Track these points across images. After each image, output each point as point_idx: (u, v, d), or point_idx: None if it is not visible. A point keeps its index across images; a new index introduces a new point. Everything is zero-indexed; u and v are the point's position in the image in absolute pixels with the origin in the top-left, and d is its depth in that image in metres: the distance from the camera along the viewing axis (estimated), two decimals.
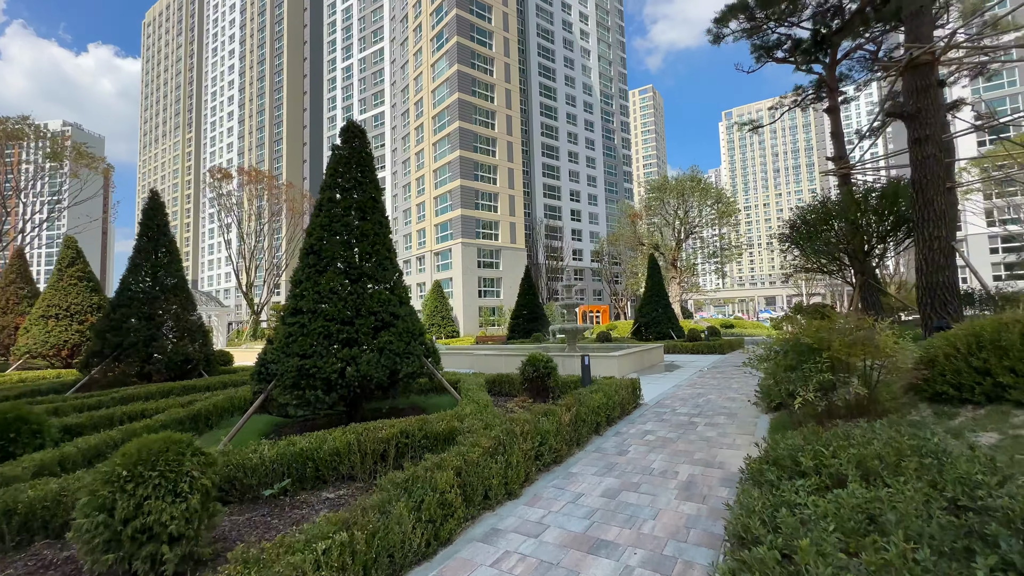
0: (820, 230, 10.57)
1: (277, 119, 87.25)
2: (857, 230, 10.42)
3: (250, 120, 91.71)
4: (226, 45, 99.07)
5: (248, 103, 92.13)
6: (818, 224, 10.55)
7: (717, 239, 42.40)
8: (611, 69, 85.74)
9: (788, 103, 16.75)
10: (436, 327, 30.14)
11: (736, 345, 19.80)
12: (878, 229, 9.48)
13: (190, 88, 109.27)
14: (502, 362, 14.10)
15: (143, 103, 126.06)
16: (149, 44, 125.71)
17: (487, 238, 53.38)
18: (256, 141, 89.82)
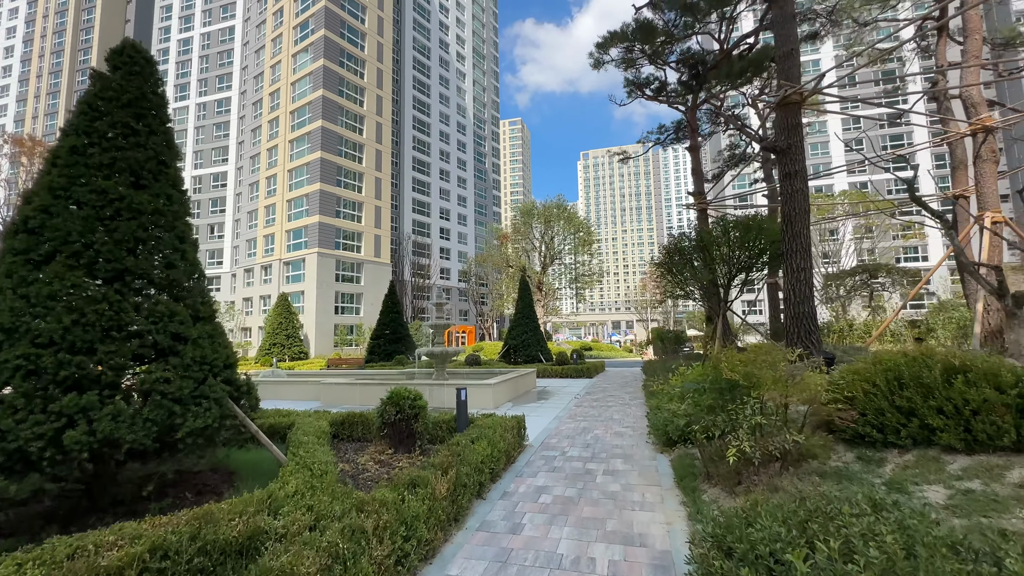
0: (689, 260, 10.82)
1: (80, 85, 70.35)
2: (713, 262, 10.84)
3: (38, 81, 72.36)
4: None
5: (36, 59, 72.77)
6: (688, 254, 10.81)
7: (578, 266, 44.81)
8: (485, 95, 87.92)
9: (653, 139, 18.04)
10: (279, 347, 25.71)
11: (599, 368, 20.14)
12: (738, 260, 9.91)
13: None
14: (357, 393, 11.75)
15: None
16: None
17: (348, 249, 48.95)
18: (46, 108, 71.03)
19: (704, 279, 10.72)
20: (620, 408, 10.25)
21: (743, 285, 10.83)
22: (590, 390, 14.07)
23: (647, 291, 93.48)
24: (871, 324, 14.67)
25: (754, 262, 9.92)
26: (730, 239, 9.71)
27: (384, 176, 53.73)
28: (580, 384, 15.86)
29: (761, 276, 10.62)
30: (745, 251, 9.91)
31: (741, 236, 9.51)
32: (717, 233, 10.28)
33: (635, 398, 11.70)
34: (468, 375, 15.34)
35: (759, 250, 9.57)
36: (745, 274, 10.24)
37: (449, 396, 10.80)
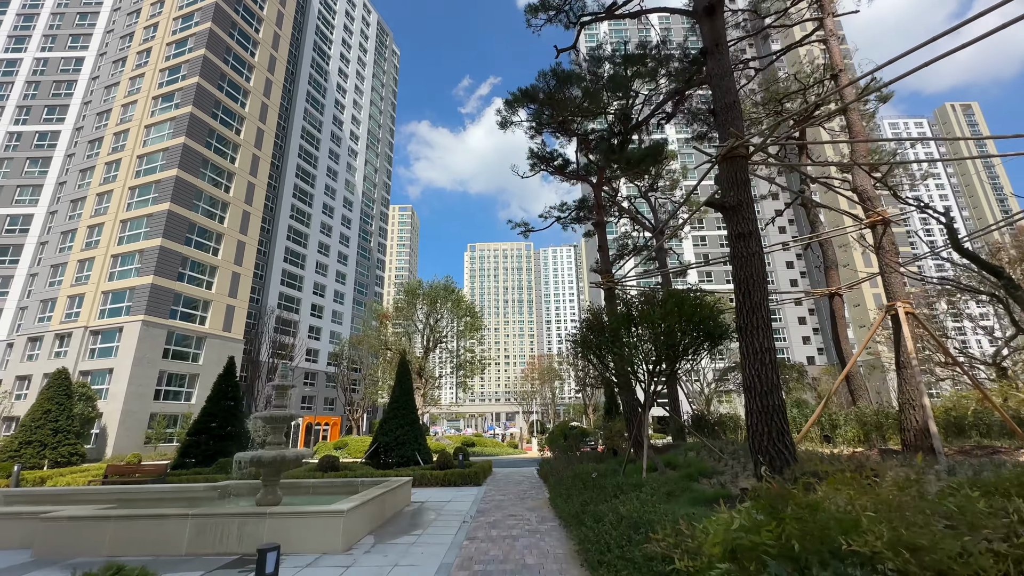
0: (614, 339, 9.00)
1: None
2: (634, 348, 9.19)
3: None
4: None
5: None
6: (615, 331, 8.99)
7: (463, 352, 42.10)
8: (376, 176, 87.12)
9: (555, 217, 17.29)
10: (37, 445, 18.02)
11: (487, 470, 16.92)
12: (674, 342, 8.34)
13: None
14: (109, 533, 7.12)
15: None
16: None
17: (188, 320, 40.47)
18: None
19: (632, 363, 8.84)
20: (532, 544, 7.32)
21: (670, 374, 9.20)
22: (483, 507, 10.87)
23: (529, 382, 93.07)
24: None
25: (696, 343, 8.38)
26: (662, 312, 8.08)
27: (250, 241, 47.41)
28: (468, 496, 12.51)
29: (694, 362, 9.06)
30: (684, 329, 8.32)
31: (676, 310, 7.98)
32: (616, 319, 8.69)
33: (545, 521, 8.90)
34: (312, 489, 11.13)
35: (699, 329, 8.08)
36: (679, 360, 8.65)
37: (281, 533, 6.93)
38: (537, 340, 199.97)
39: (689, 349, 8.56)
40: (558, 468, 13.40)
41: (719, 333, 8.30)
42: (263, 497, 9.14)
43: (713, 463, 9.01)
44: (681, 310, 8.00)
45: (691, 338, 8.31)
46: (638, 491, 7.37)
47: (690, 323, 8.08)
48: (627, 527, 5.17)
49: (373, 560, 6.46)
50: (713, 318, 8.20)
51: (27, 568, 6.39)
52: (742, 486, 7.28)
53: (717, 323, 8.25)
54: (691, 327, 8.11)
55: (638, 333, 9.18)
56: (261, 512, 7.00)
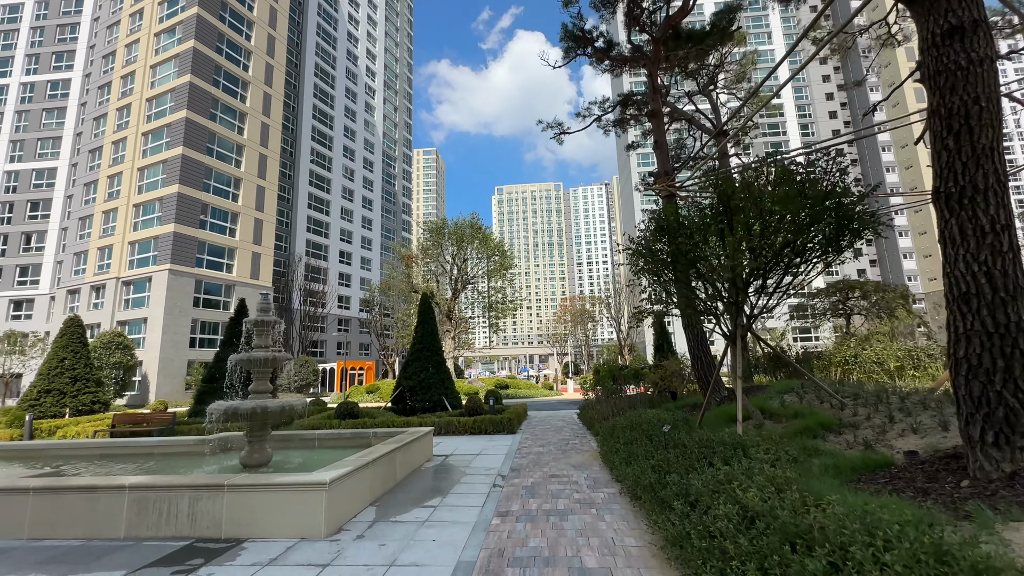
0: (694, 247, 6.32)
1: None
2: (716, 258, 6.49)
3: None
4: None
5: None
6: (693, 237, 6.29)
7: (493, 292, 40.22)
8: (396, 115, 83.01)
9: (596, 115, 14.13)
10: (56, 394, 17.42)
11: (522, 415, 15.17)
12: (779, 244, 5.64)
13: None
14: (30, 510, 5.46)
15: None
16: None
17: (215, 268, 39.95)
18: None
19: (715, 279, 6.14)
20: (589, 525, 5.23)
21: (773, 289, 6.53)
22: (518, 462, 8.96)
23: (561, 324, 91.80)
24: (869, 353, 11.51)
25: (826, 241, 5.61)
26: (781, 195, 5.25)
27: (270, 185, 45.79)
28: (501, 447, 10.69)
29: (806, 270, 6.26)
30: (811, 218, 5.43)
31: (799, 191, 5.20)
32: (746, 195, 5.82)
33: (599, 486, 6.84)
34: (320, 443, 9.46)
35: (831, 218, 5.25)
36: (797, 267, 5.88)
37: (244, 511, 5.09)
38: (568, 282, 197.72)
39: (809, 250, 5.86)
40: (606, 413, 11.34)
41: (862, 224, 5.49)
42: (248, 455, 7.44)
43: (833, 411, 6.65)
44: (804, 192, 5.28)
45: (819, 234, 5.55)
46: (741, 454, 5.08)
47: (817, 210, 5.34)
48: (775, 535, 2.88)
49: (361, 555, 4.50)
50: (852, 199, 5.40)
51: None
52: (906, 448, 4.89)
53: (852, 211, 5.42)
54: (820, 214, 5.37)
55: (731, 236, 6.46)
56: (217, 484, 5.16)
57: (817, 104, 73.81)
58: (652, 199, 73.60)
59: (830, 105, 73.91)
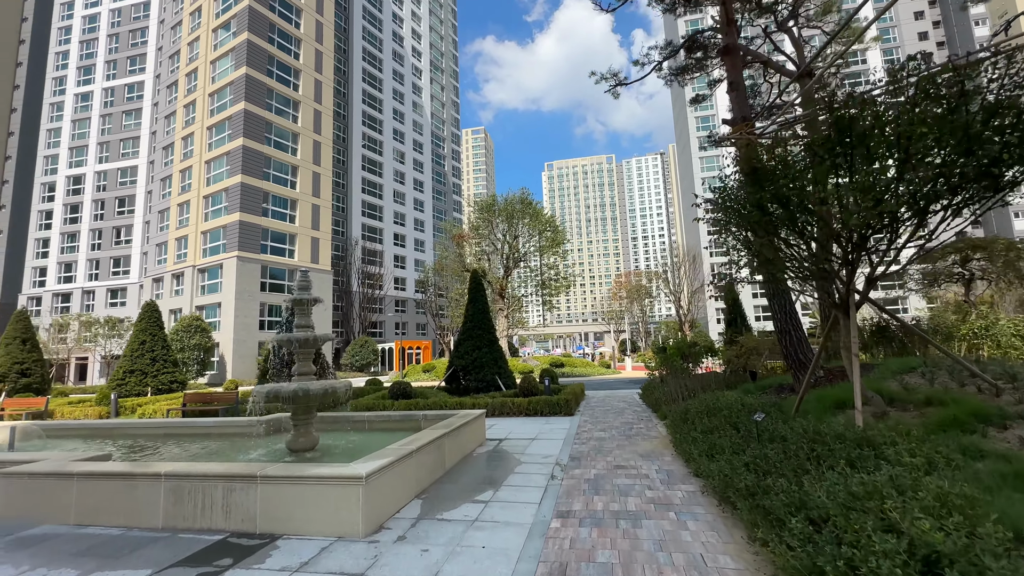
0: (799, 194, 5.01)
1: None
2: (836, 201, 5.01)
3: None
4: None
5: None
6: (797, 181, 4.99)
7: (546, 269, 39.25)
8: (444, 94, 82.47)
9: (656, 60, 12.51)
10: (139, 374, 18.63)
11: (579, 394, 14.32)
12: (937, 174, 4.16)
13: None
14: (75, 495, 5.30)
15: None
16: None
17: (278, 254, 41.73)
18: None
19: (853, 221, 4.60)
20: (670, 535, 4.34)
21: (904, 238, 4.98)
22: (578, 449, 8.16)
23: (616, 300, 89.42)
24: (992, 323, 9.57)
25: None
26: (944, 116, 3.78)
27: (324, 171, 46.94)
28: (558, 430, 9.93)
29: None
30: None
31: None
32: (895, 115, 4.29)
33: (674, 480, 5.92)
34: (369, 425, 9.12)
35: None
36: (931, 204, 4.39)
37: (277, 504, 4.65)
38: (623, 258, 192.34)
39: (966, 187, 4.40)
40: (674, 395, 10.24)
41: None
42: (294, 440, 7.14)
43: (984, 397, 5.26)
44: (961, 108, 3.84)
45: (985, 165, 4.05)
46: (871, 454, 3.95)
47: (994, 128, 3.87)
48: None
49: (401, 563, 3.89)
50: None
51: None
52: None
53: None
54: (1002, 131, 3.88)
55: (860, 173, 4.98)
56: (249, 475, 4.75)
57: (904, 27, 64.42)
58: (714, 166, 68.77)
59: (919, 26, 64.29)
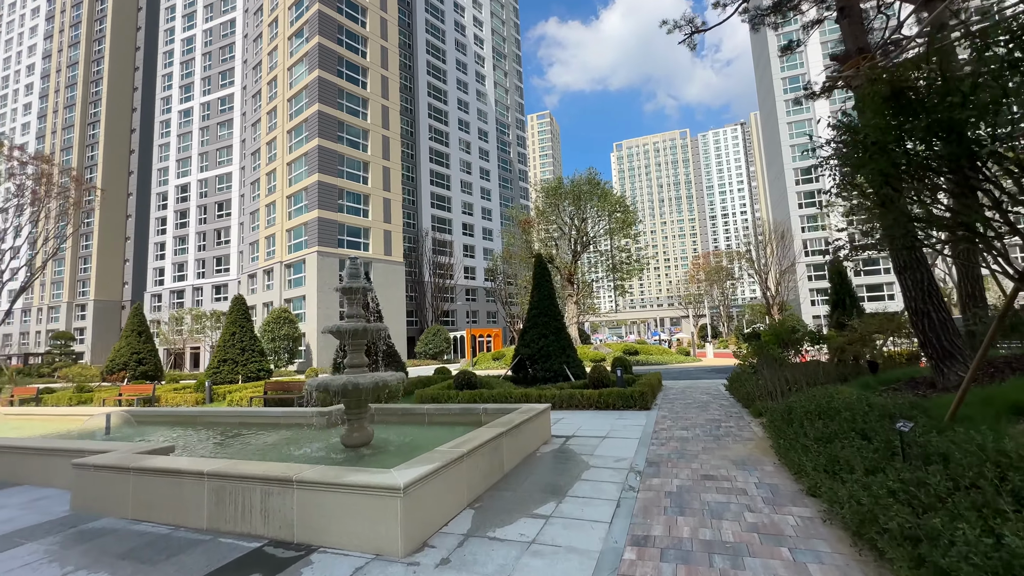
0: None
1: (95, 96, 69.13)
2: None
3: (55, 95, 71.72)
4: (29, 2, 77.94)
5: (55, 74, 72.25)
6: None
7: (617, 252, 37.42)
8: (507, 80, 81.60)
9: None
10: (230, 363, 20.02)
11: (655, 385, 13.06)
12: None
13: None
14: (131, 490, 5.24)
15: None
16: None
17: (353, 247, 43.61)
18: (63, 121, 70.23)
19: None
20: (779, 567, 3.32)
21: None
22: (656, 451, 7.14)
23: (694, 283, 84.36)
24: None
25: None
26: None
27: (393, 166, 48.21)
28: (632, 428, 8.91)
29: None
30: None
31: None
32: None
33: (780, 499, 4.80)
34: (429, 419, 8.70)
35: None
36: None
37: (314, 513, 4.18)
38: (700, 238, 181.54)
39: None
40: (771, 389, 8.78)
41: None
42: (348, 434, 6.82)
43: None
44: None
45: None
46: None
47: None
48: None
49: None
50: None
51: (33, 534, 4.93)
52: None
53: None
54: None
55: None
56: (285, 479, 4.36)
57: None
58: (804, 131, 61.77)
59: None
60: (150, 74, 69.24)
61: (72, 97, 69.78)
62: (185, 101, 60.50)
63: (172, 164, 60.27)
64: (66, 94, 70.60)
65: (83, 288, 66.00)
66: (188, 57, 61.03)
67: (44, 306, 67.16)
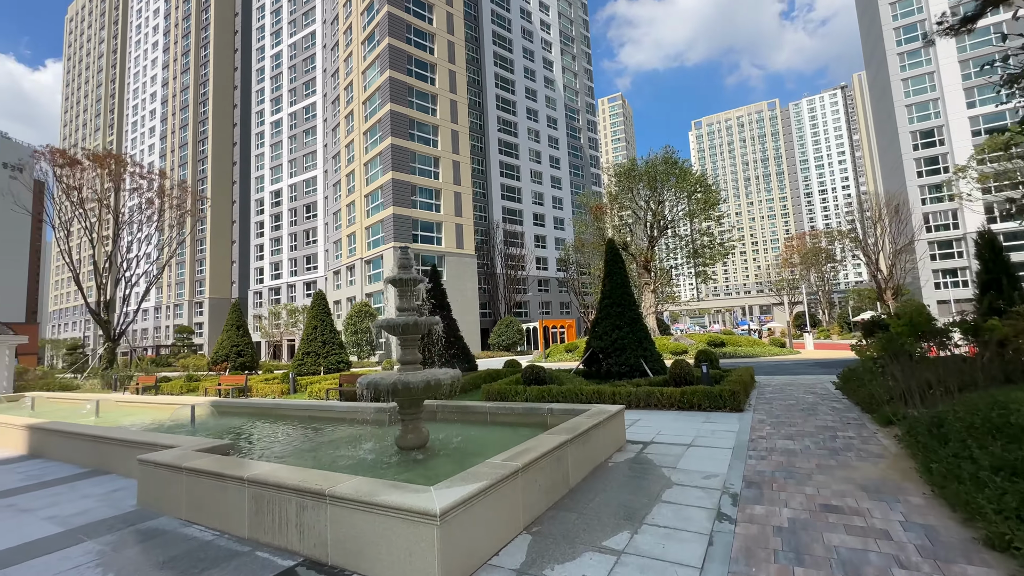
0: None
1: (202, 116, 77.20)
2: None
3: (173, 118, 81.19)
4: (150, 37, 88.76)
5: (171, 99, 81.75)
6: None
7: (698, 235, 34.66)
8: (575, 65, 79.27)
9: None
10: (313, 356, 21.06)
11: (747, 381, 11.45)
12: None
13: (112, 86, 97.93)
14: (184, 490, 5.13)
15: (64, 105, 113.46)
16: (71, 41, 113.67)
17: (427, 242, 44.63)
18: (179, 140, 79.34)
19: None
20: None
21: None
22: (756, 468, 5.94)
23: (788, 267, 76.88)
24: None
25: None
26: None
27: (463, 159, 48.60)
28: (722, 435, 7.68)
29: None
30: None
31: None
32: None
33: (950, 552, 3.50)
34: (491, 418, 8.10)
35: None
36: None
37: (348, 534, 3.66)
38: (794, 217, 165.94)
39: None
40: (906, 390, 7.09)
41: None
42: (402, 436, 6.38)
43: None
44: None
45: None
46: None
47: None
48: None
49: None
50: None
51: (96, 530, 4.97)
52: None
53: None
54: None
55: None
56: (318, 493, 3.91)
57: None
58: (923, 87, 53.17)
59: None
60: (246, 91, 75.87)
61: (185, 118, 78.51)
62: (275, 113, 65.50)
63: (266, 172, 65.70)
64: (180, 116, 79.59)
65: (200, 287, 74.44)
66: (276, 72, 65.90)
67: (171, 304, 76.77)
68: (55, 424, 8.73)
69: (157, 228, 40.66)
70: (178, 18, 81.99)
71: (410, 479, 5.21)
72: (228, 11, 78.37)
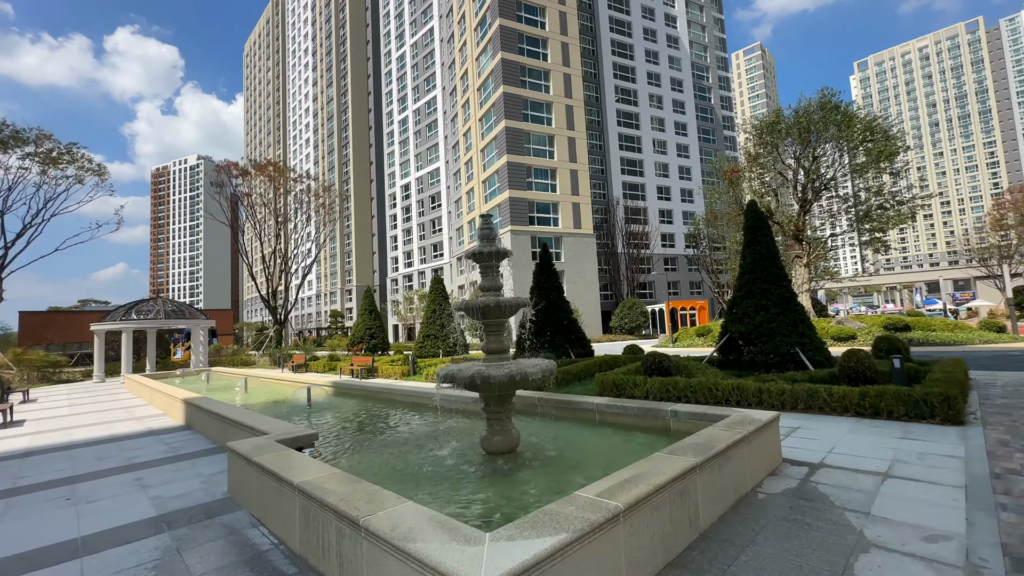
0: None
1: (344, 122, 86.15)
2: None
3: (321, 128, 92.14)
4: (302, 59, 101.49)
5: (320, 111, 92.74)
6: None
7: (867, 195, 28.19)
8: (703, 16, 71.01)
9: None
10: (432, 339, 21.65)
11: (961, 380, 8.23)
12: None
13: (278, 107, 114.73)
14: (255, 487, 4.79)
15: (245, 128, 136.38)
16: (248, 74, 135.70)
17: (543, 223, 43.88)
18: (327, 147, 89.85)
19: None
20: None
21: None
22: (1017, 531, 3.71)
23: (997, 229, 60.28)
24: None
25: None
26: None
27: (579, 135, 46.59)
28: (938, 459, 5.36)
29: None
30: None
31: None
32: None
33: None
34: (600, 418, 6.77)
35: None
36: None
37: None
38: (1006, 168, 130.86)
39: None
40: None
41: None
42: (487, 438, 5.44)
43: None
44: None
45: None
46: None
47: None
48: None
49: None
50: None
51: (177, 520, 4.90)
52: None
53: None
54: None
55: None
56: (353, 520, 3.07)
57: None
58: None
59: None
60: (377, 95, 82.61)
61: (331, 127, 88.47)
62: (402, 111, 70.12)
63: (397, 168, 70.97)
64: (327, 126, 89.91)
65: (348, 276, 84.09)
66: (401, 72, 70.35)
67: (327, 292, 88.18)
68: (200, 400, 9.63)
69: (313, 224, 46.15)
70: (322, 38, 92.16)
71: (486, 499, 4.20)
72: (360, 24, 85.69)
